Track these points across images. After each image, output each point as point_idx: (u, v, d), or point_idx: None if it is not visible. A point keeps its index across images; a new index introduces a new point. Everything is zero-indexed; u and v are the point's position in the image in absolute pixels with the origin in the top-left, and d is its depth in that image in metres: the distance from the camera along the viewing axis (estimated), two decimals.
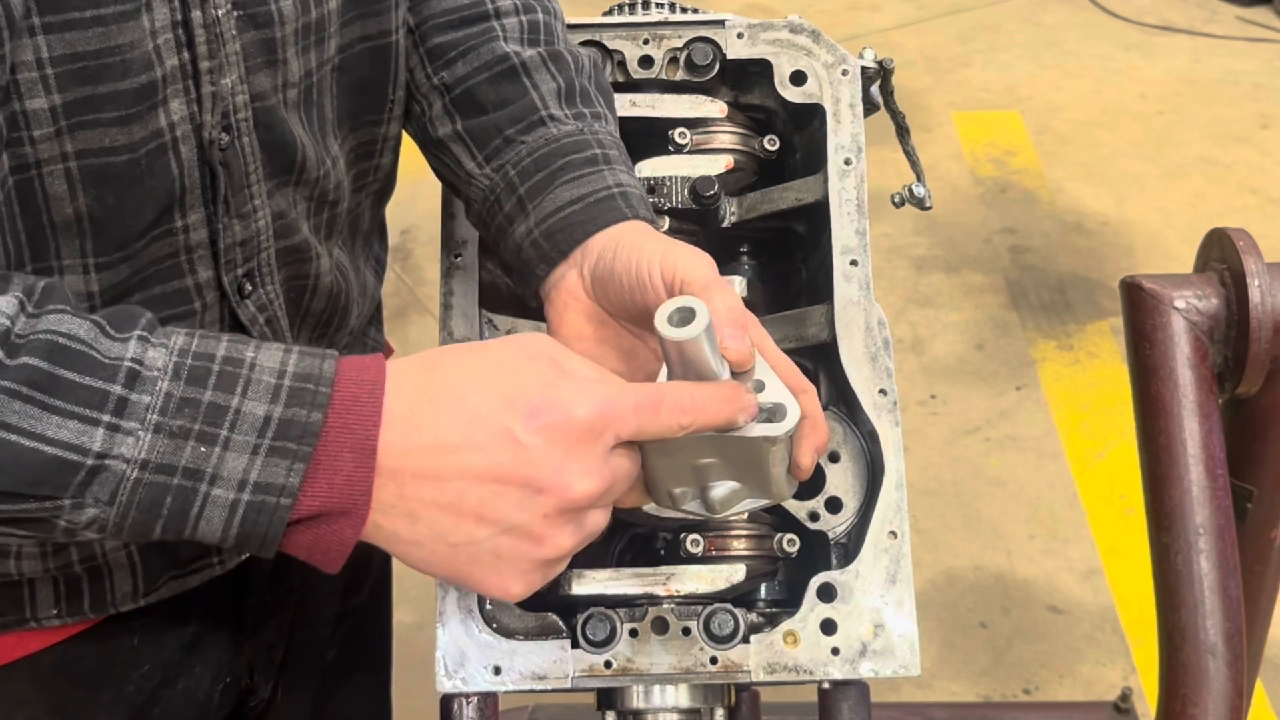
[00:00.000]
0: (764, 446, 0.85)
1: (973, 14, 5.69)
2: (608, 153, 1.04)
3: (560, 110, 1.05)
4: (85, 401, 0.73)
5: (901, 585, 1.09)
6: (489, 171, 1.05)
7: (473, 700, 1.08)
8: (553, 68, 1.07)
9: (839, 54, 1.25)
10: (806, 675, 1.08)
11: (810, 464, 0.91)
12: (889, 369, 1.15)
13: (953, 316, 3.84)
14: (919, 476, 3.22)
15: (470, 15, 1.09)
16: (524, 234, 1.01)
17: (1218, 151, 4.63)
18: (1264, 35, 5.46)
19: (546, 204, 1.00)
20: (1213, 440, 1.33)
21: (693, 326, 0.80)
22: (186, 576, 1.07)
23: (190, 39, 0.88)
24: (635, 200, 1.01)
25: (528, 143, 1.03)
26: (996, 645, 2.82)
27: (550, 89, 1.06)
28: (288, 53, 0.95)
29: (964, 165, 4.58)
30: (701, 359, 0.82)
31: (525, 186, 1.02)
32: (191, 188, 0.92)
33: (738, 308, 0.89)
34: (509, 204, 1.03)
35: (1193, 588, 1.30)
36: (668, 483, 0.89)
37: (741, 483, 0.89)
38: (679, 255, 0.92)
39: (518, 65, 1.06)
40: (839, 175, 1.20)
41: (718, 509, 0.90)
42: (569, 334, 0.98)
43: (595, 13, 1.29)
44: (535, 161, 1.02)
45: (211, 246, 0.95)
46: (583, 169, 1.01)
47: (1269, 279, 1.31)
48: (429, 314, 3.87)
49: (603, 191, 1.00)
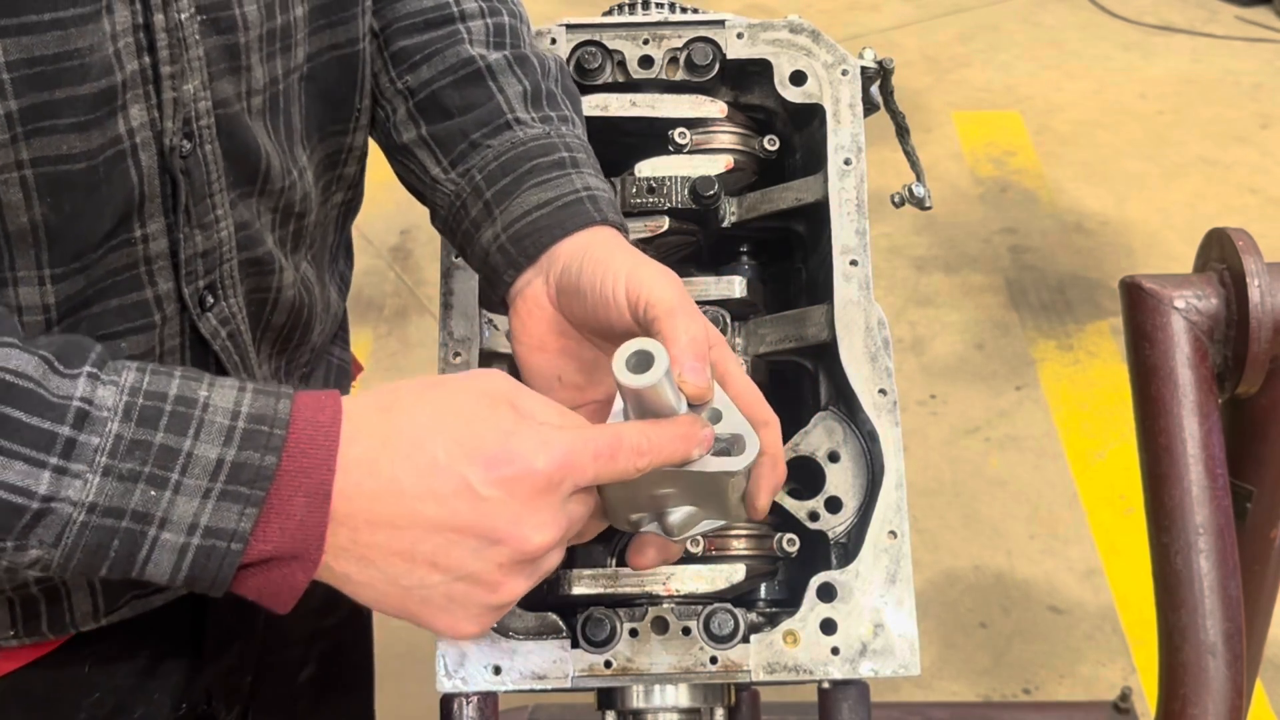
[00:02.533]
0: (722, 479, 0.84)
1: (973, 14, 5.69)
2: (575, 156, 1.02)
3: (526, 113, 1.03)
4: (32, 442, 0.71)
5: (901, 585, 1.09)
6: (454, 176, 1.03)
7: (473, 700, 1.08)
8: (519, 71, 1.05)
9: (839, 54, 1.25)
10: (806, 675, 1.08)
11: (766, 504, 0.89)
12: (889, 369, 1.15)
13: (953, 316, 3.84)
14: (919, 476, 3.22)
15: (435, 19, 1.07)
16: (490, 239, 0.99)
17: (1218, 151, 4.63)
18: (1264, 35, 5.46)
19: (513, 208, 0.98)
20: (1212, 440, 1.33)
21: (649, 374, 0.79)
22: (150, 596, 1.05)
23: (152, 43, 0.85)
24: (604, 204, 0.99)
25: (494, 146, 1.01)
26: (996, 645, 2.82)
27: (516, 92, 1.04)
28: (252, 59, 0.93)
29: (964, 165, 4.58)
30: (659, 401, 0.81)
31: (491, 191, 1.00)
32: (151, 196, 0.89)
33: (700, 336, 0.86)
34: (475, 209, 1.01)
35: (1192, 587, 1.30)
36: (625, 510, 0.88)
37: (699, 507, 0.88)
38: (645, 275, 0.89)
39: (483, 68, 1.04)
40: (839, 175, 1.20)
41: (676, 532, 0.89)
42: (531, 343, 0.96)
43: (595, 13, 1.29)
44: (501, 166, 1.00)
45: (172, 257, 0.92)
46: (550, 172, 0.99)
47: (1269, 279, 1.31)
48: (429, 314, 3.87)
49: (570, 195, 0.98)
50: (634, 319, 0.89)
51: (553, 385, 0.96)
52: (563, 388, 0.96)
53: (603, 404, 0.94)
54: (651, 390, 0.80)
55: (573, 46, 1.26)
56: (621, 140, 1.26)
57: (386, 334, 3.81)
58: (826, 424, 1.17)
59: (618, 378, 0.80)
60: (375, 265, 4.10)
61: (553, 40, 1.25)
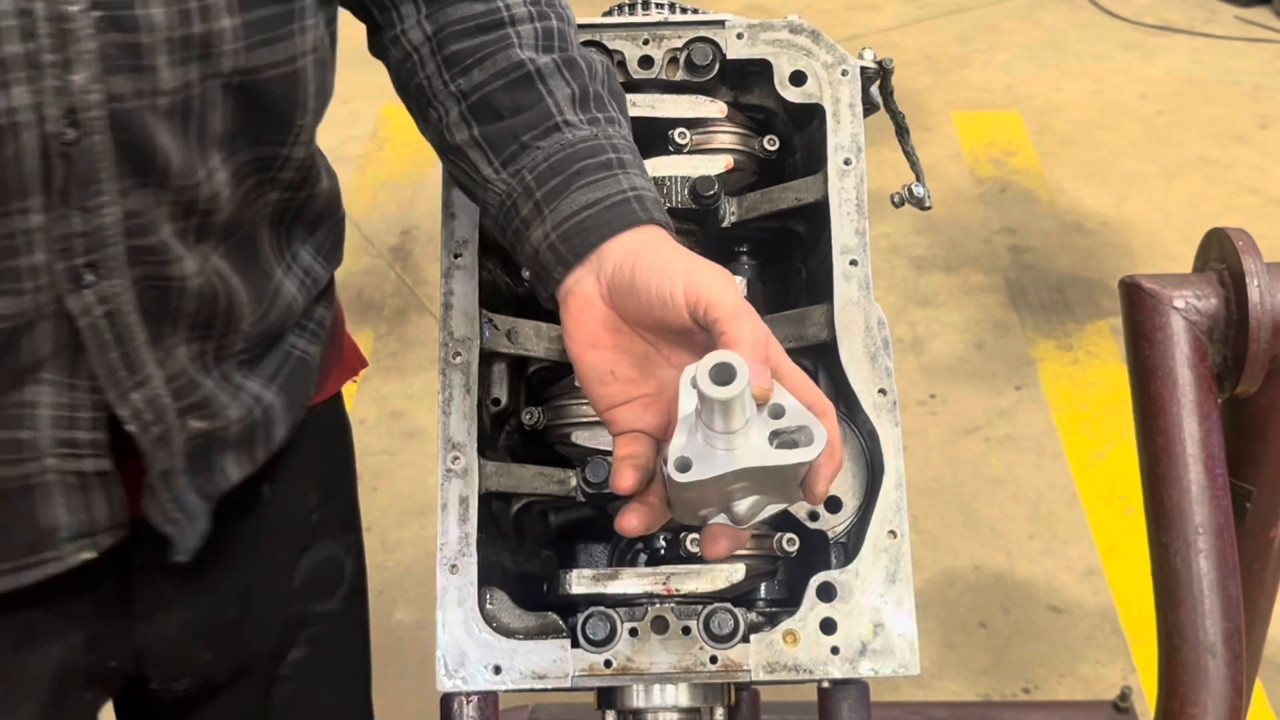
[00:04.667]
0: (793, 470, 0.87)
1: (972, 14, 5.69)
2: (622, 157, 1.05)
3: (575, 116, 1.06)
4: None
5: (901, 585, 1.09)
6: (506, 176, 1.05)
7: (473, 699, 1.09)
8: (567, 74, 1.08)
9: (839, 54, 1.25)
10: (806, 674, 1.08)
11: (825, 491, 0.92)
12: (889, 369, 1.15)
13: (952, 316, 3.84)
14: (918, 476, 3.22)
15: (486, 23, 1.09)
16: (541, 238, 1.02)
17: (1217, 151, 4.63)
18: (1263, 35, 5.46)
19: (563, 208, 1.01)
20: (1212, 440, 1.33)
21: (733, 386, 0.82)
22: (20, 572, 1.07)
23: (34, 30, 0.87)
24: (650, 204, 1.02)
25: (544, 148, 1.04)
26: (996, 645, 2.82)
27: (565, 95, 1.06)
28: (157, 60, 0.94)
29: (964, 165, 4.58)
30: (736, 409, 0.84)
31: (542, 191, 1.02)
32: (30, 174, 0.91)
33: (761, 336, 0.90)
34: (526, 208, 1.03)
35: (1192, 587, 1.31)
36: (695, 508, 0.91)
37: (764, 494, 0.91)
38: (704, 277, 0.92)
39: (533, 72, 1.07)
40: (838, 175, 1.20)
41: (744, 520, 0.92)
42: (585, 340, 0.99)
43: (595, 13, 1.30)
44: (551, 166, 1.03)
45: (47, 233, 0.94)
46: (598, 173, 1.02)
47: (1268, 279, 1.31)
48: (429, 314, 3.87)
49: (618, 195, 1.01)
50: (693, 319, 0.92)
51: (606, 380, 0.98)
52: (616, 381, 0.98)
53: (654, 397, 0.97)
54: (736, 401, 0.83)
55: None
56: None
57: (386, 334, 3.81)
58: None
59: (703, 390, 0.83)
60: (375, 265, 4.10)
61: None
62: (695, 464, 0.85)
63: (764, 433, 0.86)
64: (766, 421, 0.86)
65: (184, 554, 1.13)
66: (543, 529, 1.27)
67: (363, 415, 3.49)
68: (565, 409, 1.19)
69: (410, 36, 1.11)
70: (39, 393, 1.00)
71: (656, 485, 0.93)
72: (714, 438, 0.85)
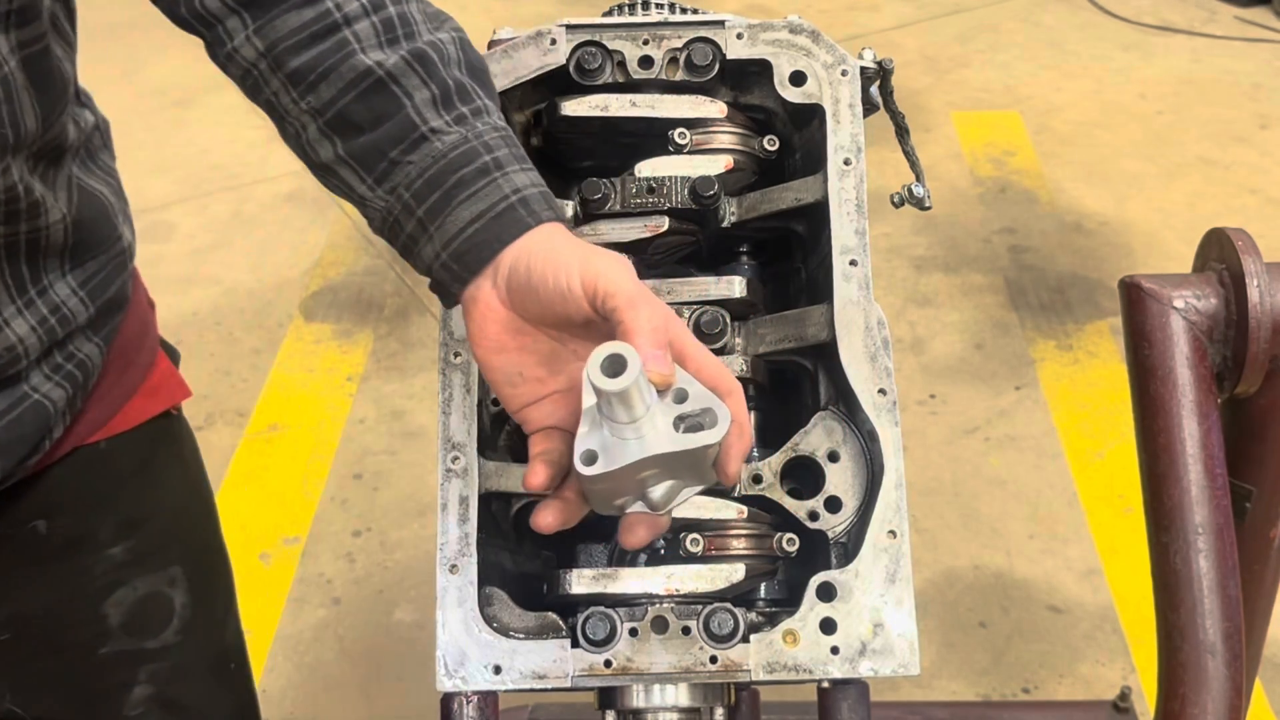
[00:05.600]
0: (700, 453, 0.88)
1: (972, 14, 5.69)
2: (497, 156, 1.01)
3: (439, 120, 1.01)
4: None
5: (901, 584, 1.09)
6: (382, 194, 1.02)
7: (473, 699, 1.09)
8: (421, 72, 1.02)
9: (838, 54, 1.25)
10: (806, 674, 1.08)
11: (736, 470, 0.92)
12: (888, 369, 1.15)
13: (952, 316, 3.84)
14: (918, 476, 3.22)
15: (319, 30, 1.03)
16: (432, 256, 1.00)
17: (1217, 151, 4.63)
18: (1263, 35, 5.46)
19: (448, 226, 0.99)
20: (1211, 440, 1.33)
21: (625, 377, 0.83)
22: None
23: None
24: (535, 203, 0.99)
25: (415, 163, 1.01)
26: (996, 644, 2.82)
27: (424, 99, 1.01)
28: None
29: (963, 165, 4.58)
30: (632, 398, 0.85)
31: (422, 209, 1.00)
32: None
33: (660, 324, 0.89)
34: (409, 225, 1.01)
35: (1191, 587, 1.31)
36: (610, 499, 0.93)
37: (678, 479, 0.92)
38: (599, 265, 0.92)
39: (383, 76, 1.01)
40: (838, 175, 1.20)
41: (660, 506, 0.93)
42: (489, 345, 0.98)
43: (595, 13, 1.30)
44: (427, 183, 1.00)
45: None
46: (476, 182, 0.99)
47: (1268, 279, 1.31)
48: (429, 314, 3.87)
49: (501, 204, 0.98)
50: (592, 308, 0.92)
51: (515, 381, 0.98)
52: (525, 382, 0.98)
53: (565, 393, 0.97)
54: (628, 391, 0.84)
55: (573, 47, 1.26)
56: (621, 140, 1.26)
57: (386, 334, 3.81)
58: (826, 424, 1.17)
59: (595, 383, 0.83)
60: (376, 265, 4.10)
61: (552, 41, 1.25)
62: (601, 456, 0.86)
63: (668, 418, 0.87)
64: (670, 407, 0.87)
65: None
66: None
67: (363, 415, 3.49)
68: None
69: (243, 53, 1.04)
70: None
71: (572, 480, 0.95)
72: (618, 429, 0.86)
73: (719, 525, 1.13)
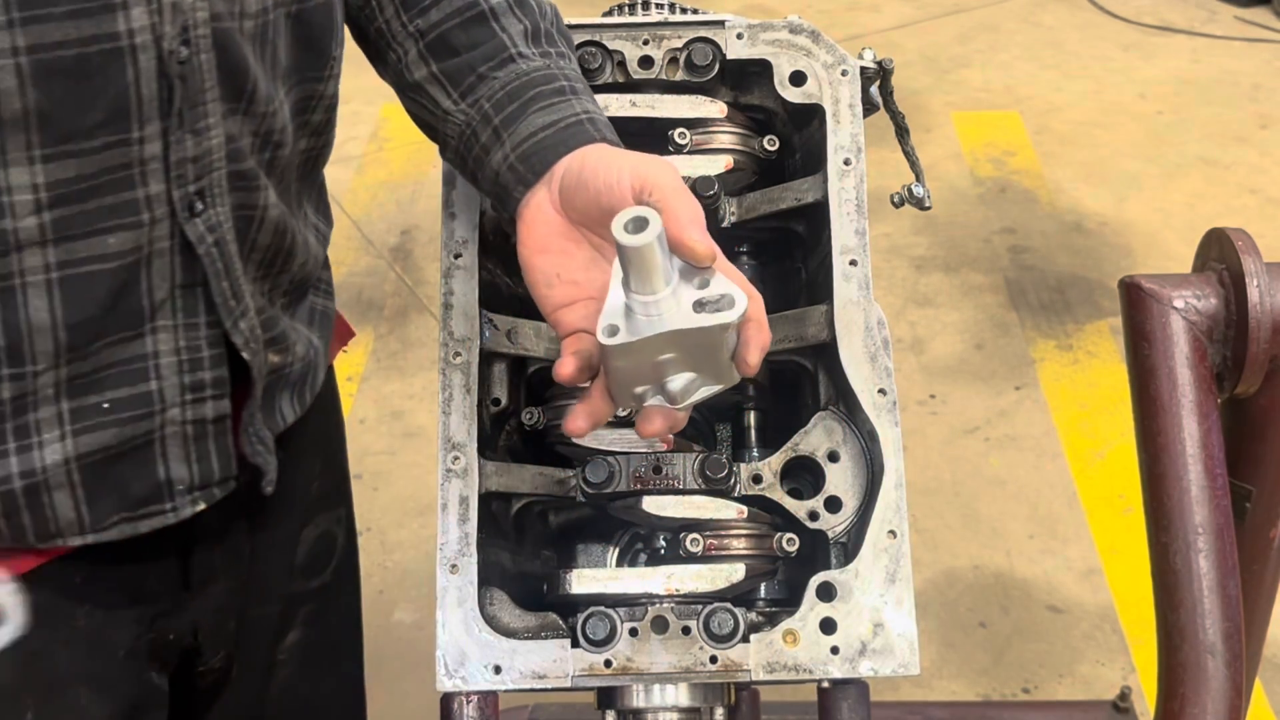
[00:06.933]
0: (718, 333, 0.91)
1: (972, 14, 5.69)
2: (574, 85, 1.11)
3: (528, 49, 1.13)
4: None
5: (901, 584, 1.09)
6: (465, 107, 1.12)
7: (473, 699, 1.09)
8: (518, 12, 1.14)
9: (838, 54, 1.25)
10: (806, 674, 1.08)
11: (757, 361, 0.96)
12: (888, 369, 1.15)
13: (952, 316, 3.84)
14: (918, 476, 3.22)
15: None
16: (500, 160, 1.07)
17: (1216, 151, 4.63)
18: (1262, 35, 5.46)
19: (521, 130, 1.07)
20: (1211, 440, 1.33)
21: (646, 233, 0.86)
22: (137, 520, 1.08)
23: None
24: (602, 126, 1.08)
25: (500, 78, 1.11)
26: (996, 644, 2.82)
27: (518, 30, 1.13)
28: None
29: (963, 165, 4.58)
30: (652, 261, 0.88)
31: (500, 117, 1.09)
32: (149, 98, 0.94)
33: (699, 215, 0.93)
34: (485, 135, 1.09)
35: (1191, 587, 1.31)
36: (630, 384, 0.95)
37: (697, 372, 0.95)
38: (649, 164, 0.98)
39: (486, 11, 1.13)
40: (838, 175, 1.20)
41: (678, 400, 0.96)
42: (534, 246, 1.04)
43: (595, 13, 1.30)
44: (508, 94, 1.09)
45: (164, 161, 0.97)
46: (552, 98, 1.08)
47: (1268, 279, 1.32)
48: (429, 314, 3.87)
49: (572, 118, 1.07)
50: (637, 202, 0.95)
51: (553, 282, 1.02)
52: (561, 284, 1.02)
53: (596, 300, 1.00)
54: (648, 249, 0.87)
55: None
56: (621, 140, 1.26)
57: (387, 334, 3.81)
58: (826, 424, 1.17)
59: (617, 238, 0.87)
60: (376, 265, 4.10)
61: None
62: (622, 329, 0.90)
63: (689, 300, 0.91)
64: (692, 291, 0.91)
65: (270, 484, 1.16)
66: (543, 529, 1.27)
67: (363, 415, 3.49)
68: (565, 409, 1.19)
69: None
70: (158, 342, 1.02)
71: (598, 382, 0.98)
72: (641, 304, 0.89)
73: (719, 525, 1.13)
